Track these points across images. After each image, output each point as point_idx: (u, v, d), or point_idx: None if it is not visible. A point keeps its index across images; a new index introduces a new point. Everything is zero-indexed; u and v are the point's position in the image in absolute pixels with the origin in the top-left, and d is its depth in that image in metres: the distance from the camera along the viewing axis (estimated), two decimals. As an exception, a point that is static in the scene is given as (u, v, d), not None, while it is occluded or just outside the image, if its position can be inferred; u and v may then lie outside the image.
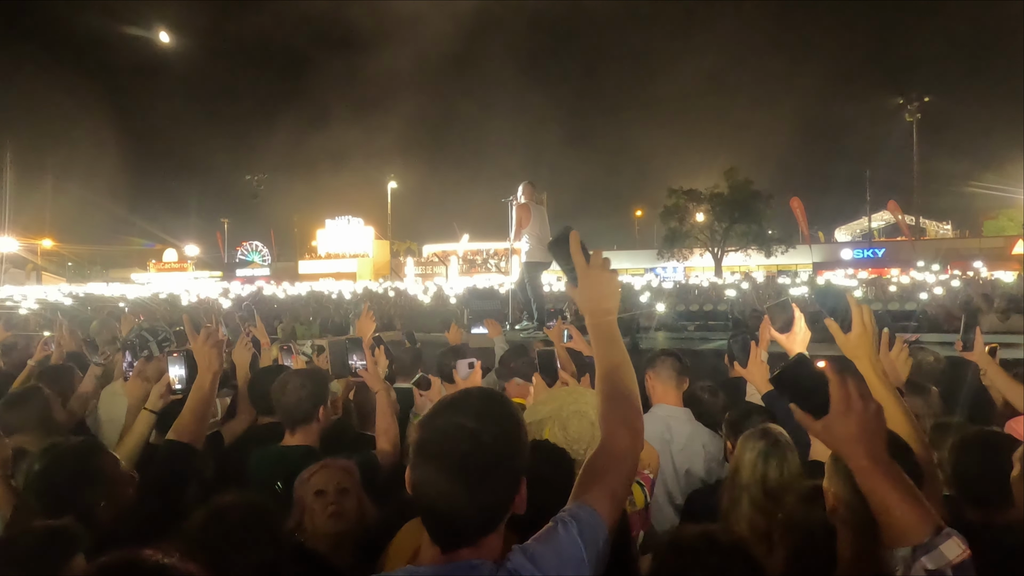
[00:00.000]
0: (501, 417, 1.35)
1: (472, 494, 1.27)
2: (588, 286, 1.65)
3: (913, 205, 53.30)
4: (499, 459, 1.30)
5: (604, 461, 1.51)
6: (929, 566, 1.25)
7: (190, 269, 63.03)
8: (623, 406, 1.58)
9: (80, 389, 3.89)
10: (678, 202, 44.27)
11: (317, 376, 3.09)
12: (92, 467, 2.24)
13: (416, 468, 1.32)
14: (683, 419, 3.35)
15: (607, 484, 1.47)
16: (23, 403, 3.24)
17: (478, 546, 1.30)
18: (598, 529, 1.39)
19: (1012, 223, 48.32)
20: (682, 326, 9.62)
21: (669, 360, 3.46)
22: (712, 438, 3.35)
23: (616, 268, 1.73)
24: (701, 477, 3.25)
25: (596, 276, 1.65)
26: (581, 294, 1.65)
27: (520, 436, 1.37)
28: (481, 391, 1.44)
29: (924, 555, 1.26)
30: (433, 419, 1.35)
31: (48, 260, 52.60)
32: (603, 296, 1.65)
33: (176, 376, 2.92)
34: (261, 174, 62.87)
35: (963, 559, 1.25)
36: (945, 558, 1.25)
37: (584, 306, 1.66)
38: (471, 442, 1.28)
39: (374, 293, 20.45)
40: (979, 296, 9.46)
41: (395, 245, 61.40)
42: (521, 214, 9.00)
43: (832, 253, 49.68)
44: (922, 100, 52.48)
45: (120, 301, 16.05)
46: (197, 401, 2.57)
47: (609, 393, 1.61)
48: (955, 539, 1.26)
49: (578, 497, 1.44)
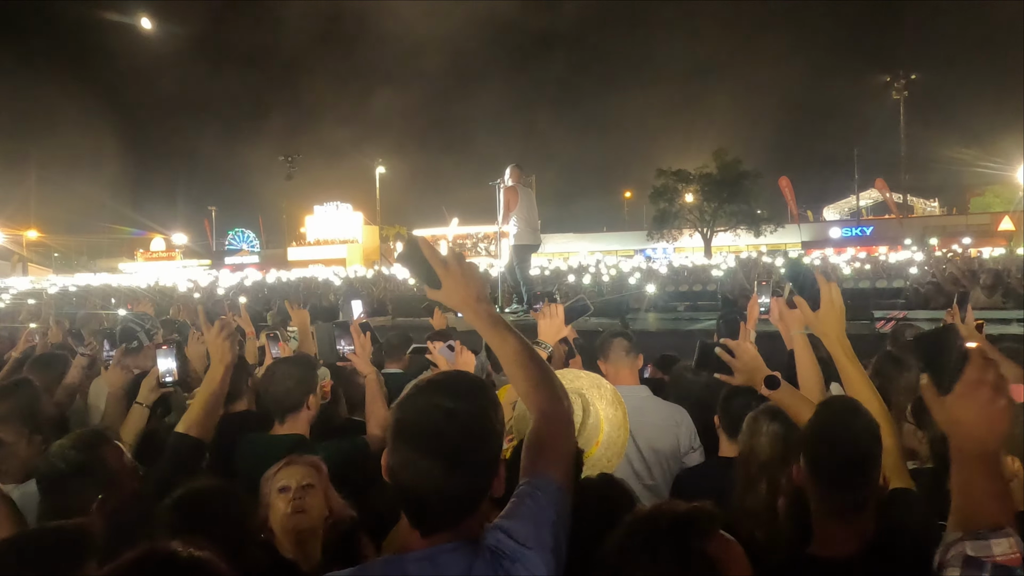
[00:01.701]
0: (477, 397, 1.36)
1: (449, 475, 1.28)
2: (453, 282, 1.64)
3: (901, 183, 53.53)
4: (476, 439, 1.31)
5: (547, 433, 1.53)
6: (970, 552, 1.22)
7: (178, 258, 62.51)
8: (541, 381, 1.60)
9: (66, 380, 3.87)
10: (667, 183, 44.22)
11: (304, 363, 3.05)
12: (96, 456, 2.20)
13: (393, 451, 1.32)
14: (639, 396, 3.30)
15: (552, 452, 1.50)
16: (9, 395, 3.18)
17: (458, 529, 1.31)
18: (558, 494, 1.42)
19: (998, 200, 48.64)
20: (672, 306, 9.66)
21: (615, 341, 3.43)
22: (673, 411, 3.32)
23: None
24: (670, 453, 3.21)
25: (457, 270, 1.64)
26: (449, 293, 1.64)
27: (497, 418, 1.39)
28: (458, 373, 1.44)
29: (971, 540, 1.23)
30: (408, 401, 1.35)
31: (34, 251, 52.08)
32: (471, 287, 1.64)
33: (165, 369, 2.88)
34: (294, 154, 57.74)
35: (1009, 560, 1.21)
36: (990, 550, 1.21)
37: (455, 302, 1.65)
38: (447, 421, 1.29)
39: (359, 278, 20.35)
40: (961, 272, 9.55)
41: (384, 230, 61.05)
42: (509, 197, 8.98)
43: (821, 232, 49.84)
44: (909, 78, 52.60)
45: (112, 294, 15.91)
46: (208, 394, 2.52)
47: (528, 375, 1.61)
48: (1012, 540, 1.23)
49: (528, 471, 1.46)
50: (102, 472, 2.16)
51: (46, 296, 5.81)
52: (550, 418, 1.55)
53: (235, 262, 56.09)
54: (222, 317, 2.66)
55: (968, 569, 1.21)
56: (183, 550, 1.28)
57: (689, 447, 3.26)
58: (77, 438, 2.26)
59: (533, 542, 1.32)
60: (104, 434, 2.40)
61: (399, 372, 4.51)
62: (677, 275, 17.27)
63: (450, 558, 1.28)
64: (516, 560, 1.29)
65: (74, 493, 2.10)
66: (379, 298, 13.12)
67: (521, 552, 1.30)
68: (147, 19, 50.58)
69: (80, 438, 2.26)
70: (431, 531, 1.31)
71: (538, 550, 1.31)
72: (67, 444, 2.21)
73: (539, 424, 1.55)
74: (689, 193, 44.43)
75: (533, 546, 1.31)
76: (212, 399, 2.52)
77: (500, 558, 1.29)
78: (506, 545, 1.30)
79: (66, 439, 2.25)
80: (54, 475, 2.16)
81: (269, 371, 2.95)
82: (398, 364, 4.66)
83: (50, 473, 2.17)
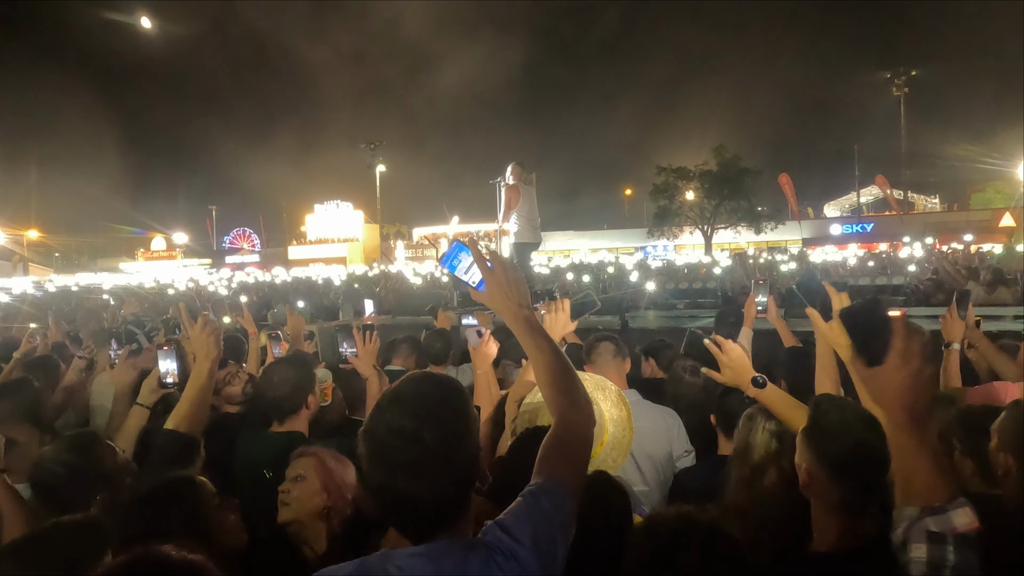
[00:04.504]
0: (440, 409, 1.35)
1: (427, 492, 1.29)
2: (497, 287, 1.67)
3: (901, 179, 53.50)
4: (446, 454, 1.31)
5: (562, 439, 1.55)
6: (932, 527, 1.24)
7: (179, 257, 62.55)
8: (570, 390, 1.63)
9: (64, 382, 3.87)
10: (667, 180, 44.16)
11: (301, 364, 3.05)
12: (92, 458, 2.21)
13: (368, 476, 1.34)
14: (630, 400, 3.29)
15: (568, 458, 1.52)
16: (12, 394, 3.19)
17: (449, 529, 1.34)
18: (566, 499, 1.43)
19: (999, 196, 48.52)
20: (672, 304, 9.64)
21: (602, 345, 3.43)
22: (665, 414, 3.31)
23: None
24: (663, 457, 3.19)
25: (502, 276, 1.67)
26: (493, 296, 1.68)
27: (465, 425, 1.38)
28: (422, 381, 1.42)
29: (930, 516, 1.25)
30: (373, 425, 1.35)
31: (35, 251, 52.11)
32: (514, 293, 1.67)
33: (166, 370, 2.89)
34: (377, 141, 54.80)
35: (969, 530, 1.24)
36: (951, 523, 1.24)
37: (498, 306, 1.69)
38: (414, 446, 1.29)
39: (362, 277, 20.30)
40: (956, 270, 9.53)
41: (385, 228, 61.01)
42: (511, 195, 8.98)
43: (821, 229, 49.75)
44: (909, 74, 52.51)
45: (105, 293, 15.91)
46: (195, 390, 2.54)
47: (552, 381, 1.64)
48: (967, 509, 1.25)
49: (541, 472, 1.48)
50: (99, 473, 2.18)
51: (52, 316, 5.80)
52: (570, 424, 1.57)
53: (236, 261, 56.08)
54: (203, 313, 2.67)
55: (933, 543, 1.24)
56: (176, 553, 1.29)
57: (682, 451, 3.25)
58: (71, 441, 2.26)
59: (529, 541, 1.33)
60: (97, 435, 2.42)
61: (402, 370, 4.55)
62: (676, 272, 17.24)
63: (444, 553, 1.30)
64: (510, 557, 1.31)
65: (72, 496, 2.10)
66: (383, 296, 13.10)
67: (516, 549, 1.32)
68: (147, 18, 50.60)
69: (74, 440, 2.27)
70: (420, 539, 1.33)
71: (533, 549, 1.33)
72: (62, 447, 2.21)
73: (558, 428, 1.57)
74: (689, 190, 44.36)
75: (529, 545, 1.33)
76: (199, 394, 2.54)
77: (495, 554, 1.31)
78: (502, 542, 1.32)
79: (59, 443, 2.25)
80: (52, 480, 2.16)
81: (267, 373, 2.95)
82: (401, 362, 4.71)
83: (48, 478, 2.17)
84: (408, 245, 57.80)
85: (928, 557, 1.24)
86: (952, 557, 1.23)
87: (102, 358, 4.19)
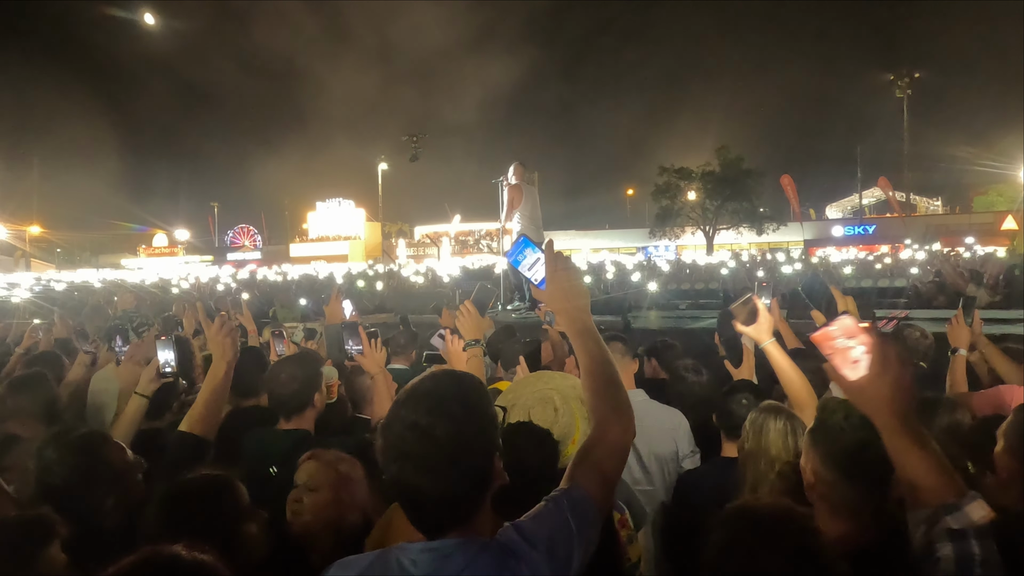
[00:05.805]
0: (454, 405, 1.34)
1: (442, 488, 1.30)
2: (559, 288, 1.68)
3: (903, 181, 53.35)
4: (459, 450, 1.30)
5: (596, 447, 1.54)
6: (953, 525, 1.26)
7: (180, 254, 62.57)
8: (612, 397, 1.62)
9: (68, 377, 3.87)
10: (669, 180, 44.14)
11: (308, 361, 3.02)
12: (100, 459, 2.13)
13: (384, 469, 1.34)
14: (636, 400, 3.26)
15: (599, 469, 1.50)
16: (28, 388, 3.16)
17: (463, 527, 1.33)
18: (589, 510, 1.43)
19: (1002, 199, 48.39)
20: (674, 304, 9.66)
21: (611, 345, 3.37)
22: (671, 415, 3.31)
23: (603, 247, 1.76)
24: (669, 457, 3.19)
25: (565, 279, 1.68)
26: (553, 296, 1.69)
27: (481, 417, 1.37)
28: (440, 378, 1.42)
29: (948, 515, 1.27)
30: (390, 420, 1.36)
31: (36, 247, 52.12)
32: (573, 293, 1.69)
33: (165, 360, 2.88)
34: (420, 133, 52.43)
35: (986, 521, 1.26)
36: (969, 518, 1.26)
37: (556, 305, 1.70)
38: (425, 441, 1.29)
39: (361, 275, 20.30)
40: (958, 273, 9.55)
41: (387, 227, 60.96)
42: (513, 195, 8.98)
43: (823, 230, 49.69)
44: (912, 76, 52.28)
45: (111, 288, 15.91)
46: (211, 392, 2.50)
47: (596, 387, 1.64)
48: (980, 501, 1.28)
49: (571, 479, 1.48)
50: (109, 474, 2.11)
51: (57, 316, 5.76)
52: (604, 432, 1.56)
53: (237, 258, 56.11)
54: (221, 314, 2.66)
55: (958, 541, 1.26)
56: (186, 553, 1.28)
57: (688, 451, 3.26)
58: (77, 442, 2.16)
59: (542, 544, 1.33)
60: (104, 434, 2.34)
61: (404, 368, 4.58)
62: (679, 273, 17.26)
63: (456, 550, 1.31)
64: (521, 558, 1.31)
65: (82, 500, 2.04)
66: (384, 295, 13.12)
67: (527, 552, 1.32)
68: (150, 14, 50.59)
69: (80, 441, 2.17)
70: (432, 533, 1.34)
71: (545, 552, 1.33)
72: (66, 450, 2.12)
73: (594, 435, 1.58)
74: (691, 191, 44.34)
75: (541, 548, 1.33)
76: (214, 396, 2.51)
77: (507, 555, 1.31)
78: (516, 543, 1.33)
79: (62, 445, 2.14)
80: (59, 486, 2.07)
81: (274, 372, 2.94)
82: (404, 360, 4.73)
83: (55, 483, 2.08)
84: (410, 243, 57.82)
85: (955, 555, 1.25)
86: (978, 551, 1.25)
87: (103, 353, 4.18)
